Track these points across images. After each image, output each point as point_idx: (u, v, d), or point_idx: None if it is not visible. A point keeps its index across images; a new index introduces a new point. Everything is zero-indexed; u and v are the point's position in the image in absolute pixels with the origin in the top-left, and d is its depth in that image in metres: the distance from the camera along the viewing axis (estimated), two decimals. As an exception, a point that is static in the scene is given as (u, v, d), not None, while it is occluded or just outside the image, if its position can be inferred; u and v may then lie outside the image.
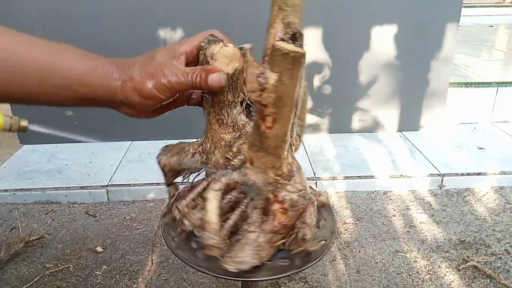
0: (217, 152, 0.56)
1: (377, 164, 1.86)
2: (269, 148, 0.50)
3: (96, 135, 2.09)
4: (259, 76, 0.44)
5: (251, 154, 0.52)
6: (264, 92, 0.45)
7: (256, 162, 0.52)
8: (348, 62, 2.05)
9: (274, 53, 0.43)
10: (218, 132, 0.56)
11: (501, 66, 2.72)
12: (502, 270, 1.30)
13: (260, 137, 0.49)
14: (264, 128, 0.48)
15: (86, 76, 0.45)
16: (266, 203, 0.54)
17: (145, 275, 1.31)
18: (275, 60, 0.43)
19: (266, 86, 0.44)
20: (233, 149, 0.55)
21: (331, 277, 1.29)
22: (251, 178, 0.53)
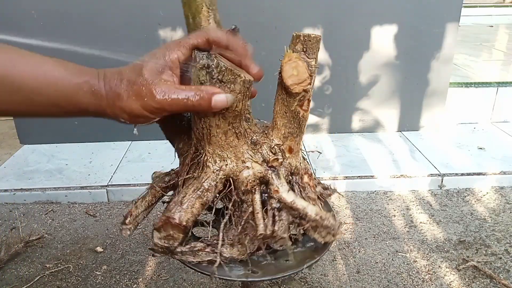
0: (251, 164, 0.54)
1: (377, 164, 1.86)
2: (304, 129, 0.57)
3: (96, 135, 2.09)
4: (308, 66, 0.49)
5: (290, 143, 0.56)
6: (312, 78, 0.50)
7: (295, 148, 0.57)
8: (348, 62, 2.05)
9: (310, 42, 0.49)
10: (239, 145, 0.54)
11: (501, 66, 2.72)
12: (502, 270, 1.30)
13: (299, 122, 0.55)
14: (303, 113, 0.54)
15: (74, 95, 0.44)
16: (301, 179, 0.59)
17: (145, 275, 1.31)
18: (313, 47, 0.49)
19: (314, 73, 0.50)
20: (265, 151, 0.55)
21: (331, 277, 1.29)
22: (294, 164, 0.58)
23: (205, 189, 0.53)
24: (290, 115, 0.54)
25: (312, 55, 0.49)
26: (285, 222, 0.55)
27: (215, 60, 0.45)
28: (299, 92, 0.50)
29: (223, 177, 0.54)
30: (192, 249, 0.55)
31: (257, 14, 1.92)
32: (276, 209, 0.54)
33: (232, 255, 0.55)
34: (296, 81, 0.49)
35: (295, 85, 0.49)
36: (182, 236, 0.53)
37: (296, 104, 0.52)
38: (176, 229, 0.52)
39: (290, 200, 0.54)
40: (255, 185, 0.54)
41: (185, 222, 0.52)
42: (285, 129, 0.55)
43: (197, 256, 0.55)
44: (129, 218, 0.59)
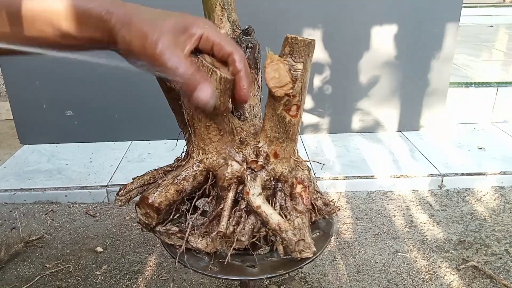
0: (231, 162, 0.55)
1: (377, 164, 1.86)
2: (293, 136, 0.54)
3: (96, 135, 2.09)
4: (290, 69, 0.47)
5: (275, 147, 0.54)
6: (295, 83, 0.47)
7: (281, 154, 0.55)
8: (348, 62, 2.05)
9: (297, 45, 0.46)
10: (222, 142, 0.55)
11: (501, 66, 2.72)
12: (502, 270, 1.30)
13: (286, 127, 0.52)
14: (290, 118, 0.51)
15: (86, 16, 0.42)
16: (291, 188, 0.57)
17: (145, 275, 1.31)
18: (300, 50, 0.46)
19: (297, 77, 0.47)
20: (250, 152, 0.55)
21: (331, 277, 1.29)
22: (279, 170, 0.55)
23: (182, 178, 0.56)
24: (276, 118, 0.52)
25: (298, 58, 0.47)
26: (249, 226, 0.55)
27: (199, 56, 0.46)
28: (281, 96, 0.48)
29: (203, 170, 0.56)
30: (167, 231, 0.58)
31: (257, 14, 1.92)
32: (244, 211, 0.54)
33: (198, 245, 0.57)
34: (277, 84, 0.47)
35: (277, 88, 0.48)
36: (156, 217, 0.57)
37: (281, 109, 0.50)
38: (150, 209, 0.56)
39: (256, 205, 0.53)
40: (232, 184, 0.55)
41: (157, 204, 0.55)
42: (271, 133, 0.53)
43: (171, 239, 0.58)
44: (122, 190, 0.62)
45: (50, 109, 2.03)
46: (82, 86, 1.97)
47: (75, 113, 2.04)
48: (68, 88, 1.99)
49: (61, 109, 2.03)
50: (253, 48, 0.59)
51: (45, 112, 2.03)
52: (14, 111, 2.05)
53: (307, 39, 0.46)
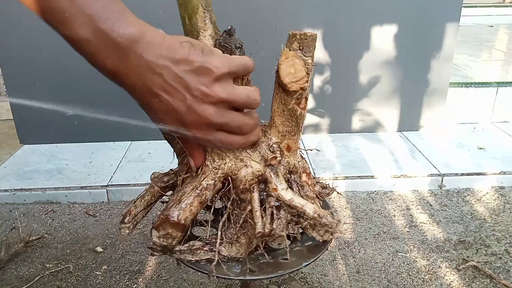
0: (250, 162, 0.55)
1: (377, 164, 1.86)
2: (302, 127, 0.57)
3: (96, 135, 2.09)
4: (305, 63, 0.49)
5: (288, 141, 0.57)
6: (309, 76, 0.50)
7: (293, 146, 0.58)
8: (348, 62, 2.05)
9: (306, 40, 0.49)
10: None
11: (501, 66, 2.72)
12: (502, 270, 1.30)
13: (297, 120, 0.55)
14: (300, 111, 0.54)
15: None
16: (299, 178, 0.59)
17: (145, 275, 1.31)
18: (309, 45, 0.49)
19: (311, 71, 0.50)
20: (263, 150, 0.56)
21: (331, 277, 1.29)
22: (292, 162, 0.58)
23: (204, 187, 0.53)
24: (288, 113, 0.54)
25: (308, 53, 0.49)
26: (283, 221, 0.55)
27: None
28: (296, 90, 0.51)
29: (221, 176, 0.54)
30: (191, 247, 0.55)
31: (257, 14, 1.92)
32: (275, 207, 0.55)
33: (230, 253, 0.56)
34: (293, 79, 0.50)
35: (293, 83, 0.50)
36: (180, 235, 0.53)
37: (293, 102, 0.53)
38: (174, 228, 0.52)
39: (288, 198, 0.54)
40: (254, 184, 0.55)
41: (184, 221, 0.52)
42: (283, 128, 0.56)
43: (195, 254, 0.55)
44: (128, 217, 0.59)
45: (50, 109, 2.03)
46: (82, 86, 1.97)
47: (75, 113, 2.04)
48: (68, 88, 1.99)
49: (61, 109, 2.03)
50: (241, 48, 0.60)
51: (45, 112, 2.03)
52: (14, 111, 2.06)
53: (314, 34, 0.49)
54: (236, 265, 0.57)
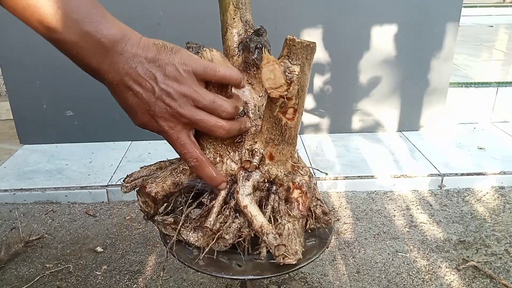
0: (227, 160, 0.56)
1: (377, 164, 1.86)
2: (290, 139, 0.53)
3: (96, 135, 2.09)
4: (285, 71, 0.46)
5: (270, 149, 0.54)
6: (291, 85, 0.46)
7: (276, 156, 0.54)
8: (348, 62, 2.05)
9: (294, 47, 0.45)
10: (220, 140, 0.55)
11: (501, 66, 2.72)
12: (502, 270, 1.30)
13: (282, 130, 0.52)
14: (286, 121, 0.51)
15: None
16: (288, 192, 0.57)
17: (145, 275, 1.31)
18: (297, 53, 0.45)
19: (293, 80, 0.46)
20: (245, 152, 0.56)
21: (331, 277, 1.29)
22: (273, 172, 0.55)
23: (180, 170, 0.57)
24: (273, 120, 0.51)
25: (295, 61, 0.46)
26: (237, 225, 0.55)
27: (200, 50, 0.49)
28: (277, 98, 0.48)
29: None
30: (163, 221, 0.59)
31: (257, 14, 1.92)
32: (233, 209, 0.55)
33: (190, 238, 0.57)
34: (273, 85, 0.47)
35: (272, 89, 0.47)
36: (154, 206, 0.58)
37: (278, 110, 0.50)
38: (148, 198, 0.57)
39: (244, 204, 0.53)
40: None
41: (154, 194, 0.56)
42: (267, 134, 0.53)
43: (166, 229, 0.59)
44: (128, 178, 0.63)
45: (50, 109, 2.03)
46: (82, 86, 1.97)
47: (75, 113, 2.04)
48: (68, 88, 1.99)
49: (61, 109, 2.03)
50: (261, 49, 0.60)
51: (45, 112, 2.03)
52: (14, 111, 2.05)
53: (305, 42, 0.45)
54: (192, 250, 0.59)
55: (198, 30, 1.90)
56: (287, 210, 0.56)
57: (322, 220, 0.61)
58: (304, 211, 0.57)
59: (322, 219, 0.61)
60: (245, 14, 0.55)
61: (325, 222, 0.61)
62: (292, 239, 0.54)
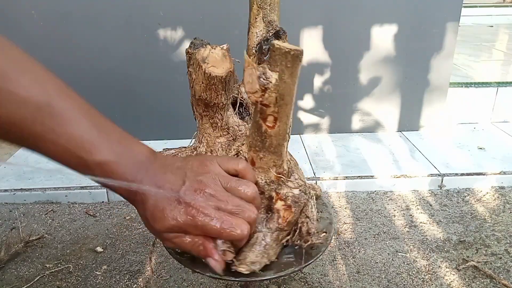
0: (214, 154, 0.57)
1: (377, 164, 1.86)
2: (271, 147, 0.51)
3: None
4: (260, 77, 0.44)
5: (252, 154, 0.52)
6: (266, 92, 0.44)
7: (257, 162, 0.53)
8: (348, 62, 2.05)
9: (274, 52, 0.42)
10: (213, 136, 0.56)
11: (501, 66, 2.72)
12: (502, 270, 1.30)
13: (262, 137, 0.50)
14: (266, 128, 0.49)
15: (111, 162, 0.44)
16: (269, 201, 0.54)
17: (145, 275, 1.31)
18: (276, 59, 0.43)
19: (268, 86, 0.44)
20: (232, 152, 0.55)
21: (331, 277, 1.29)
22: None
23: None
24: (255, 125, 0.50)
25: (275, 67, 0.43)
26: None
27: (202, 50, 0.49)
28: (254, 103, 0.47)
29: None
30: None
31: (257, 14, 1.92)
32: None
33: None
34: (250, 90, 0.46)
35: (250, 94, 0.46)
36: None
37: (258, 116, 0.49)
38: None
39: None
40: None
41: None
42: (251, 138, 0.52)
43: None
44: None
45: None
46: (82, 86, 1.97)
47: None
48: (68, 88, 1.98)
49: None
50: None
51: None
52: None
53: (285, 48, 0.42)
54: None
55: (198, 30, 1.90)
56: (266, 219, 0.54)
57: (304, 239, 0.58)
58: (284, 224, 0.54)
59: (303, 238, 0.58)
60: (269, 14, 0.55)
61: (306, 241, 0.58)
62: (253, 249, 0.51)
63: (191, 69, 0.51)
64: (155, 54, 1.95)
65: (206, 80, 0.50)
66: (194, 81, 0.51)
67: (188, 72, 0.53)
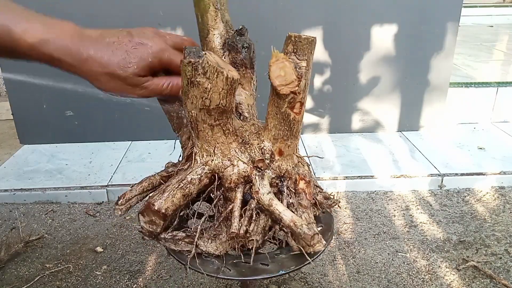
0: (237, 162, 0.55)
1: (377, 164, 1.86)
2: (297, 133, 0.55)
3: (96, 135, 2.09)
4: (296, 67, 0.47)
5: (280, 145, 0.55)
6: (301, 80, 0.48)
7: (285, 151, 0.56)
8: (348, 62, 2.05)
9: (300, 43, 0.47)
10: (226, 143, 0.55)
11: (501, 66, 2.72)
12: (502, 270, 1.30)
13: (290, 125, 0.53)
14: (294, 115, 0.52)
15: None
16: (295, 184, 0.58)
17: (145, 275, 1.31)
18: (304, 48, 0.47)
19: (302, 74, 0.48)
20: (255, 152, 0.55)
21: (331, 277, 1.29)
22: (284, 167, 0.57)
23: (188, 181, 0.55)
24: (281, 116, 0.53)
25: (302, 56, 0.48)
26: (262, 224, 0.55)
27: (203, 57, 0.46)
28: (287, 94, 0.49)
29: (208, 172, 0.55)
30: (174, 237, 0.57)
31: (257, 14, 1.92)
32: (255, 210, 0.55)
33: (208, 249, 0.56)
34: (283, 82, 0.48)
35: (283, 86, 0.48)
36: (163, 223, 0.55)
37: (286, 106, 0.51)
38: (156, 216, 0.54)
39: (268, 203, 0.53)
40: (239, 184, 0.55)
41: (164, 210, 0.53)
42: (275, 131, 0.54)
43: (178, 245, 0.57)
44: (121, 199, 0.61)
45: (50, 109, 2.03)
46: (82, 86, 1.97)
47: (75, 113, 2.04)
48: (68, 88, 1.99)
49: (61, 109, 2.03)
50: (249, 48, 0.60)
51: (45, 112, 2.03)
52: (14, 111, 2.05)
53: (310, 37, 0.47)
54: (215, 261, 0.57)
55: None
56: (298, 201, 0.57)
57: (325, 205, 0.62)
58: (311, 199, 0.59)
59: (325, 204, 0.62)
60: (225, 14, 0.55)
61: (328, 206, 0.62)
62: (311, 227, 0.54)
63: (201, 79, 0.47)
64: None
65: (227, 86, 0.48)
66: (210, 91, 0.48)
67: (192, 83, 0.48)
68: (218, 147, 0.54)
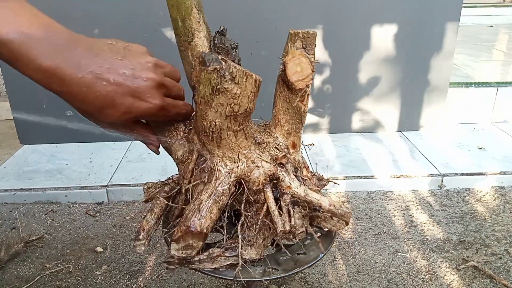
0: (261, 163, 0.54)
1: (377, 164, 1.86)
2: (304, 123, 0.58)
3: (96, 135, 2.09)
4: (311, 62, 0.51)
5: (293, 138, 0.59)
6: (313, 73, 0.52)
7: (297, 143, 0.60)
8: (348, 62, 2.05)
9: (309, 38, 0.50)
10: (247, 146, 0.54)
11: (501, 66, 2.72)
12: (502, 270, 1.30)
13: (301, 117, 0.57)
14: (304, 108, 0.56)
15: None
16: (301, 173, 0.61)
17: (145, 275, 1.31)
18: (311, 43, 0.50)
19: (315, 68, 0.51)
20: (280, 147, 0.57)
21: (331, 277, 1.29)
22: (297, 159, 0.60)
23: (221, 193, 0.52)
24: (293, 111, 0.56)
25: (311, 51, 0.51)
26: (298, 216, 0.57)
27: (227, 62, 0.45)
28: (302, 88, 0.52)
29: (234, 180, 0.53)
30: (210, 255, 0.54)
31: (257, 14, 1.92)
32: (290, 204, 0.56)
33: (251, 255, 0.56)
34: (300, 77, 0.51)
35: (299, 81, 0.51)
36: (201, 244, 0.53)
37: (298, 100, 0.54)
38: (196, 238, 0.51)
39: (304, 194, 0.55)
40: (266, 184, 0.55)
41: (206, 229, 0.51)
42: (288, 125, 0.57)
43: (215, 262, 0.55)
44: (142, 233, 0.57)
45: (50, 109, 2.03)
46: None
47: (75, 113, 2.04)
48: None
49: (61, 109, 2.03)
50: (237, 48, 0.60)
51: (45, 112, 2.03)
52: (14, 111, 2.05)
53: (315, 32, 0.51)
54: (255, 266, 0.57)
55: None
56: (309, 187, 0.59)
57: (319, 185, 0.66)
58: (314, 183, 0.62)
59: (319, 185, 0.65)
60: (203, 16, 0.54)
61: (322, 186, 0.66)
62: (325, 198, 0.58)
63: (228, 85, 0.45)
64: (155, 54, 1.94)
65: (255, 88, 0.48)
66: (240, 96, 0.47)
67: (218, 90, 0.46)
68: (242, 152, 0.54)
